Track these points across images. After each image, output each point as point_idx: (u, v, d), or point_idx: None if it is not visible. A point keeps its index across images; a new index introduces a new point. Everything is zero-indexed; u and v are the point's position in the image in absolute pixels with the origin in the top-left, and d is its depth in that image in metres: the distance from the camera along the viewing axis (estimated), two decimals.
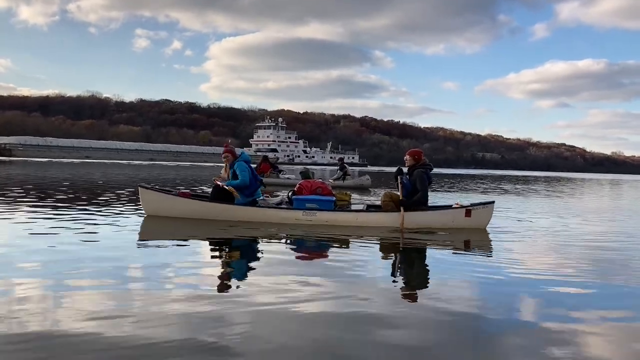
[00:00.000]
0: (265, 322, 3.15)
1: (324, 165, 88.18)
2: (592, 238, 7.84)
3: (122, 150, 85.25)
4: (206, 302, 3.50)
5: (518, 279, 4.75)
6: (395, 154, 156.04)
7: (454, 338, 3.04)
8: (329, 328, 3.10)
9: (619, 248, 6.89)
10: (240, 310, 3.36)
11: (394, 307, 3.61)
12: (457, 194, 17.85)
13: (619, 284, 4.71)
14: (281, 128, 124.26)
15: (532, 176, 64.23)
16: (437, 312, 3.51)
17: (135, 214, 8.45)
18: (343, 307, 3.54)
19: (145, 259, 5.10)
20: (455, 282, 4.52)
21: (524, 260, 5.71)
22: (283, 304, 3.52)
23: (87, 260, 4.80)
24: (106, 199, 11.20)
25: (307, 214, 7.77)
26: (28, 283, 3.89)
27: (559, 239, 7.45)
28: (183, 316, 3.20)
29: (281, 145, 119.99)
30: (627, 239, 7.79)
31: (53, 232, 6.35)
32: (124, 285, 3.98)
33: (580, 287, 4.48)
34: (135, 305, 3.42)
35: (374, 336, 2.96)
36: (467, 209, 8.08)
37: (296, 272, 4.58)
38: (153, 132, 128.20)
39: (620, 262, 5.82)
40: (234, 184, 7.94)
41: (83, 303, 3.42)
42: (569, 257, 6.02)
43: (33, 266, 4.47)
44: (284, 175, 20.78)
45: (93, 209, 8.96)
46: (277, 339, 2.88)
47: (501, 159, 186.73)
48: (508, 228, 8.47)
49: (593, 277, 4.90)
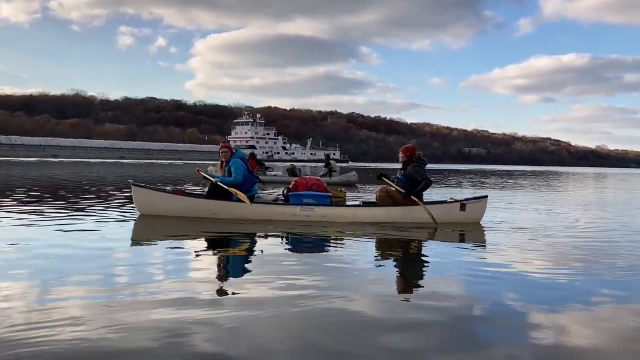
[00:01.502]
0: (259, 323, 3.10)
1: (304, 162, 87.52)
2: (582, 230, 7.97)
3: (90, 148, 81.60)
4: (200, 303, 3.44)
5: (519, 274, 4.82)
6: (382, 150, 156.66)
7: (451, 337, 3.01)
8: (323, 328, 3.06)
9: (608, 238, 7.02)
10: (234, 311, 3.30)
11: (387, 305, 3.58)
12: (447, 190, 17.98)
13: (607, 272, 4.81)
14: (259, 124, 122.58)
15: (519, 170, 64.83)
16: (435, 310, 3.48)
17: (127, 212, 8.40)
18: (337, 307, 3.48)
19: (140, 259, 5.03)
20: (451, 278, 4.54)
21: (521, 255, 5.79)
22: (278, 304, 3.46)
23: (78, 262, 4.65)
24: (92, 198, 11.13)
25: (305, 210, 7.79)
26: (13, 288, 3.71)
27: (553, 232, 7.55)
28: (174, 318, 3.11)
29: (260, 141, 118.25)
30: (617, 230, 7.93)
31: (40, 235, 6.09)
32: (121, 286, 3.91)
33: (569, 277, 4.62)
34: (129, 307, 3.32)
35: (366, 335, 2.94)
36: (462, 203, 8.18)
37: (291, 271, 4.53)
38: (139, 130, 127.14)
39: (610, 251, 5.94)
40: (227, 181, 7.78)
41: (73, 310, 3.23)
42: (562, 249, 6.13)
43: (20, 271, 4.26)
44: (270, 172, 20.87)
45: (77, 210, 8.89)
46: (269, 339, 2.84)
47: (487, 153, 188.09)
48: (501, 221, 8.58)
49: (582, 267, 5.02)
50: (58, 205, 9.41)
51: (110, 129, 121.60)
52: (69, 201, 10.24)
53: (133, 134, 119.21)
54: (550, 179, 34.57)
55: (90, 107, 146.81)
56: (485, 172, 49.02)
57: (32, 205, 9.27)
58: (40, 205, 9.30)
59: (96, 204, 9.70)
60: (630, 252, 6.01)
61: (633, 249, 6.25)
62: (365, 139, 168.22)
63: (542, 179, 33.96)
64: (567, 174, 52.97)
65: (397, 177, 8.23)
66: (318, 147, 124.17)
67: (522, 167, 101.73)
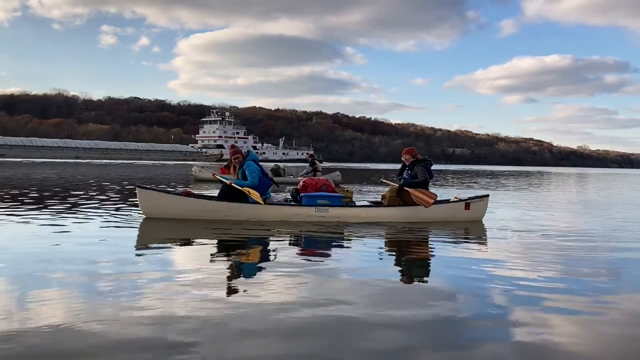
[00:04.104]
0: (266, 326, 3.12)
1: (275, 162, 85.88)
2: (577, 227, 8.38)
3: (43, 147, 76.91)
4: (215, 305, 3.50)
5: (523, 272, 5.09)
6: (367, 151, 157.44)
7: (451, 338, 3.07)
8: (329, 331, 3.07)
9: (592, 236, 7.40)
10: (240, 311, 3.36)
11: (389, 309, 3.55)
12: (448, 189, 18.33)
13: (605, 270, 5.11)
14: (228, 123, 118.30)
15: (507, 171, 65.35)
16: (439, 310, 3.54)
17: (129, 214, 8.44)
18: (345, 310, 3.49)
19: (155, 262, 4.94)
20: (454, 277, 4.63)
21: (525, 253, 6.11)
22: (279, 308, 3.49)
23: (84, 267, 4.49)
24: (98, 197, 11.22)
25: (320, 211, 7.89)
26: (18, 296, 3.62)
27: (553, 229, 7.93)
28: (185, 320, 3.16)
29: (228, 140, 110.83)
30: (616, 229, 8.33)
31: (42, 241, 5.81)
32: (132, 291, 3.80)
33: (565, 275, 4.89)
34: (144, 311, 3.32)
35: (354, 334, 3.02)
36: (467, 203, 8.56)
37: (298, 273, 4.53)
38: (122, 130, 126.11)
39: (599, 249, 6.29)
40: (244, 184, 7.77)
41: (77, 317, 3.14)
42: (561, 246, 6.47)
43: (23, 276, 4.17)
44: None
45: (76, 214, 8.97)
46: (274, 342, 2.89)
47: (471, 154, 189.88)
48: (501, 218, 9.14)
49: (576, 264, 5.34)
50: (54, 209, 9.13)
51: (93, 129, 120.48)
52: (65, 204, 10.20)
53: (116, 134, 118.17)
54: (535, 179, 35.26)
55: (72, 106, 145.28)
56: (474, 173, 49.54)
57: (41, 208, 9.34)
58: (35, 208, 9.36)
59: (92, 207, 9.60)
60: (631, 250, 6.35)
61: (633, 247, 6.61)
62: (351, 140, 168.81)
63: (528, 179, 34.63)
64: (550, 174, 53.93)
65: (404, 178, 8.51)
66: (291, 146, 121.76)
67: (506, 167, 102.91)
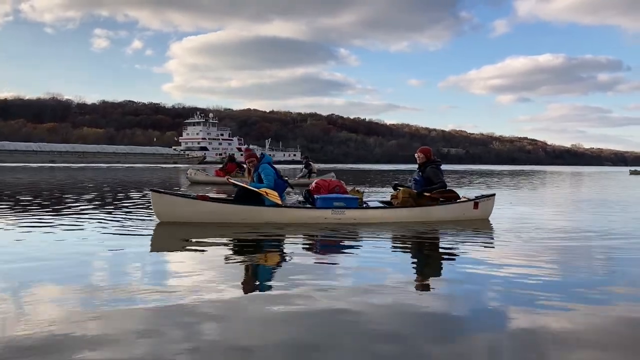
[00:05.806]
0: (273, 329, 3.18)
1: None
2: (581, 224, 8.62)
3: (16, 152, 73.06)
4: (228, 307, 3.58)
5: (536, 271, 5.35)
6: (362, 152, 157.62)
7: (451, 338, 3.10)
8: (336, 332, 3.12)
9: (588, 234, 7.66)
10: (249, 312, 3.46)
11: (394, 311, 3.57)
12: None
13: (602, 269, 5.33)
14: (212, 124, 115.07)
15: (503, 170, 65.88)
16: (443, 310, 3.62)
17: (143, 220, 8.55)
18: (337, 307, 3.60)
19: (176, 265, 5.01)
20: (459, 275, 4.74)
21: (531, 250, 6.34)
22: (287, 310, 3.55)
23: (101, 275, 4.54)
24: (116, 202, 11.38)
25: (336, 213, 7.93)
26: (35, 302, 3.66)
27: (554, 225, 8.20)
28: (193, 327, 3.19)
29: (212, 142, 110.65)
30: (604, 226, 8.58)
31: (54, 243, 5.97)
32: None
33: (569, 273, 5.07)
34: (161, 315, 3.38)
35: (349, 329, 3.12)
36: (475, 202, 8.81)
37: (311, 277, 4.54)
38: (117, 133, 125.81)
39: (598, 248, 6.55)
40: (260, 187, 7.85)
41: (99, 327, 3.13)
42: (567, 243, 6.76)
43: (38, 280, 4.25)
44: None
45: (84, 219, 9.11)
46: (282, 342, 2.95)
47: (466, 153, 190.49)
48: (508, 217, 9.52)
49: (576, 262, 5.60)
50: (61, 213, 9.21)
51: (88, 133, 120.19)
52: (71, 208, 10.22)
53: (111, 138, 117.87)
54: (532, 178, 35.57)
55: (67, 110, 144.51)
56: (470, 172, 49.80)
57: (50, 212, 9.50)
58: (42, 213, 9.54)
59: (105, 211, 9.74)
60: (631, 249, 6.51)
61: (633, 246, 6.74)
62: (346, 141, 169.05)
63: (524, 178, 34.92)
64: (545, 173, 54.34)
65: (415, 179, 8.73)
66: (277, 148, 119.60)
67: (501, 167, 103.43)
